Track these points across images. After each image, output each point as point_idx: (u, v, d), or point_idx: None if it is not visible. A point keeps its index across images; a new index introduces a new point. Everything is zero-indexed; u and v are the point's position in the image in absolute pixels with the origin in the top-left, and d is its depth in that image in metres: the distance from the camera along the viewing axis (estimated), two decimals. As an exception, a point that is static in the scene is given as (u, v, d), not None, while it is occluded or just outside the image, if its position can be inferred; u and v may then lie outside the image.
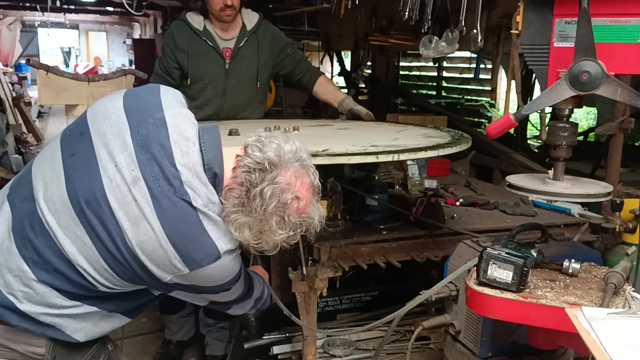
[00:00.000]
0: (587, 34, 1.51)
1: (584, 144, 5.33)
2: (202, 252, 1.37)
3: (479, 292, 1.60)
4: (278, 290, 2.22)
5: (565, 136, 1.68)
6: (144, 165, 1.36)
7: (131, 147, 1.38)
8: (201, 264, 1.37)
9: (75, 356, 1.51)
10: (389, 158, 1.92)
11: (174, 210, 1.35)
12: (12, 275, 1.40)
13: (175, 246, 1.34)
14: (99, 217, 1.36)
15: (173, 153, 1.38)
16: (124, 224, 1.35)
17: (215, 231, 1.39)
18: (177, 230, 1.35)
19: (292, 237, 1.45)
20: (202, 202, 1.37)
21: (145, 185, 1.35)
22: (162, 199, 1.35)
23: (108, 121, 1.42)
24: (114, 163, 1.37)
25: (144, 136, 1.39)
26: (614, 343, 1.27)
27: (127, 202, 1.35)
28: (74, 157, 1.41)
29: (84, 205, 1.36)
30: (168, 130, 1.40)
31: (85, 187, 1.37)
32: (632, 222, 2.20)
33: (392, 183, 3.05)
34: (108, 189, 1.36)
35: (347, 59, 8.47)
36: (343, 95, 3.08)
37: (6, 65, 13.33)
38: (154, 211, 1.34)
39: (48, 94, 10.90)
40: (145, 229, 1.34)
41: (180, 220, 1.36)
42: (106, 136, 1.40)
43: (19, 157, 7.79)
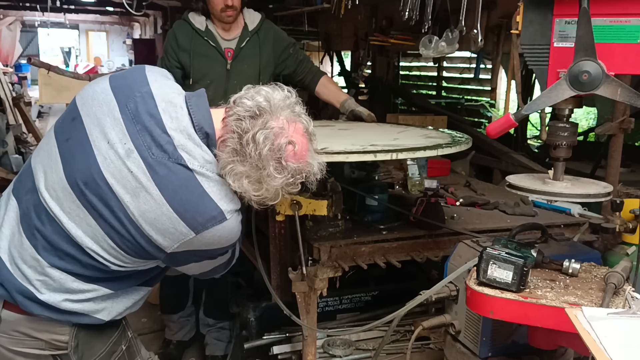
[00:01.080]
0: (587, 34, 1.51)
1: (584, 144, 5.33)
2: (205, 214, 1.36)
3: (479, 292, 1.60)
4: (278, 290, 2.21)
5: (565, 136, 1.68)
6: (135, 136, 1.37)
7: (121, 122, 1.39)
8: (206, 226, 1.36)
9: (97, 343, 1.53)
10: (387, 157, 1.92)
11: (171, 176, 1.35)
12: (28, 266, 1.42)
13: (178, 211, 1.34)
14: (99, 196, 1.36)
15: (163, 120, 1.39)
16: (123, 197, 1.35)
17: (216, 191, 1.38)
18: (177, 195, 1.34)
19: (293, 184, 1.43)
20: (198, 164, 1.38)
21: (139, 156, 1.36)
22: (158, 166, 1.35)
23: (96, 102, 1.43)
24: (107, 140, 1.38)
25: (132, 110, 1.40)
26: (614, 343, 1.27)
27: (124, 176, 1.35)
28: (68, 142, 1.43)
29: (83, 186, 1.37)
30: (155, 100, 1.42)
31: (82, 169, 1.38)
32: (632, 222, 2.20)
33: (392, 183, 3.05)
34: (103, 167, 1.36)
35: (347, 59, 8.47)
36: (345, 96, 3.08)
37: (6, 65, 13.33)
38: (151, 179, 1.34)
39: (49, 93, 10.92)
40: (145, 198, 1.34)
41: (179, 185, 1.35)
42: (96, 116, 1.41)
43: (19, 157, 7.79)
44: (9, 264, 1.43)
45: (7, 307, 1.46)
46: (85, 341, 1.50)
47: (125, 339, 1.61)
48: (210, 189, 1.38)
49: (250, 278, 3.00)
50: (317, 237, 2.15)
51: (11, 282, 1.43)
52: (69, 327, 1.48)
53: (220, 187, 1.40)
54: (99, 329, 1.52)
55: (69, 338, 1.48)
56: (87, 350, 1.50)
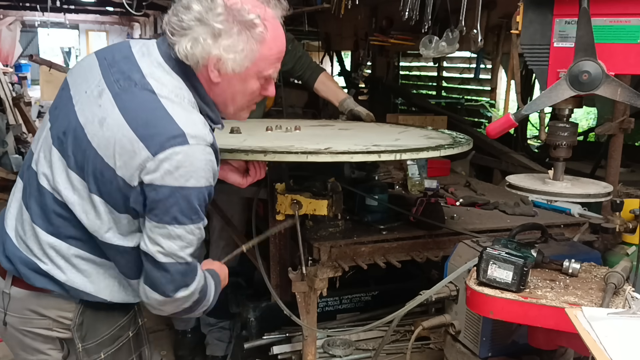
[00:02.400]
0: (587, 34, 1.51)
1: (584, 144, 5.33)
2: (165, 133, 1.31)
3: (479, 292, 1.60)
4: (278, 290, 2.22)
5: (565, 136, 1.68)
6: (107, 78, 1.41)
7: (99, 72, 1.44)
8: (164, 146, 1.29)
9: (102, 325, 1.52)
10: (391, 157, 1.92)
11: (135, 100, 1.36)
12: (29, 238, 1.45)
13: (137, 131, 1.31)
14: (75, 141, 1.38)
15: (135, 58, 1.43)
16: (90, 131, 1.36)
17: (181, 115, 1.35)
18: (137, 115, 1.33)
19: (252, 47, 1.41)
20: (167, 90, 1.38)
21: (108, 91, 1.38)
22: (124, 94, 1.37)
23: (80, 67, 1.51)
24: (84, 91, 1.42)
25: (109, 59, 1.45)
26: (614, 343, 1.27)
27: (94, 113, 1.37)
28: (56, 110, 1.48)
29: (63, 137, 1.40)
30: (133, 50, 1.46)
31: (63, 123, 1.43)
32: (632, 222, 2.21)
33: (392, 183, 3.05)
34: (80, 113, 1.40)
35: (347, 59, 8.47)
36: (344, 95, 3.07)
37: (6, 65, 13.33)
38: (115, 105, 1.35)
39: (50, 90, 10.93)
40: (108, 125, 1.34)
41: (142, 107, 1.35)
42: (79, 77, 1.48)
43: (19, 157, 7.79)
44: (15, 239, 1.47)
45: (16, 283, 1.47)
46: (90, 321, 1.50)
47: (135, 326, 1.60)
48: (174, 111, 1.35)
49: (250, 278, 3.00)
50: (317, 237, 2.15)
51: (16, 256, 1.45)
52: (75, 304, 1.48)
53: (188, 114, 1.37)
54: (106, 311, 1.51)
55: (74, 315, 1.48)
56: (90, 331, 1.50)
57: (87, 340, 1.50)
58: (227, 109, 1.53)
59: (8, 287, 1.48)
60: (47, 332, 1.50)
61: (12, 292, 1.48)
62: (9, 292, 1.48)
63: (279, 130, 2.48)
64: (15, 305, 1.49)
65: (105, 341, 1.52)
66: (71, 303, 1.48)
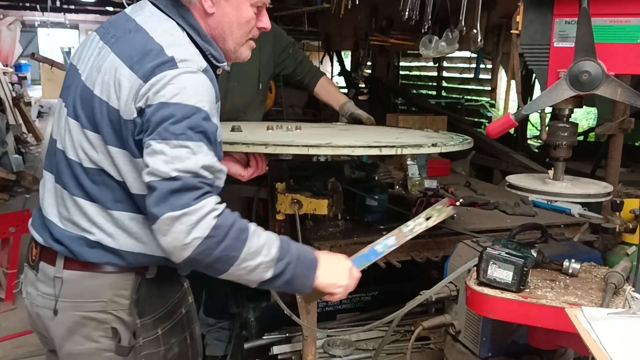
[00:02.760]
0: (587, 34, 1.51)
1: (584, 144, 5.33)
2: (154, 61, 1.33)
3: (479, 292, 1.60)
4: (278, 290, 2.21)
5: (565, 136, 1.68)
6: (105, 38, 1.47)
7: (97, 39, 1.49)
8: (155, 71, 1.31)
9: (158, 300, 1.51)
10: (392, 152, 1.91)
11: (128, 42, 1.40)
12: (73, 214, 1.45)
13: (131, 67, 1.35)
14: (83, 100, 1.43)
15: (129, 15, 1.49)
16: (91, 82, 1.41)
17: (172, 44, 1.38)
18: (131, 53, 1.37)
19: None
20: (161, 30, 1.41)
21: (105, 45, 1.44)
22: (118, 41, 1.42)
23: (82, 45, 1.56)
24: (88, 57, 1.48)
25: (107, 24, 1.52)
26: (614, 343, 1.27)
27: (93, 66, 1.43)
28: (67, 89, 1.52)
29: (74, 102, 1.45)
30: (126, 11, 1.52)
31: (72, 93, 1.47)
32: (632, 222, 2.21)
33: (392, 183, 3.05)
34: (84, 76, 1.45)
35: (347, 59, 8.47)
36: (344, 99, 3.07)
37: (6, 65, 13.32)
38: (111, 51, 1.41)
39: (52, 89, 10.97)
40: (105, 69, 1.39)
41: (133, 45, 1.39)
42: (81, 52, 1.53)
43: (19, 157, 7.80)
44: (60, 223, 1.47)
45: (69, 266, 1.45)
46: (145, 297, 1.49)
47: (186, 304, 1.60)
48: (163, 42, 1.37)
49: (250, 278, 3.00)
50: (317, 236, 2.15)
51: (65, 236, 1.45)
52: (131, 281, 1.47)
53: (178, 44, 1.39)
54: (158, 287, 1.51)
55: (129, 293, 1.47)
56: (147, 306, 1.48)
57: (145, 316, 1.48)
58: (227, 43, 1.53)
59: (60, 271, 1.45)
60: (101, 316, 1.47)
61: (65, 276, 1.45)
62: (62, 276, 1.45)
63: (280, 129, 2.48)
64: (68, 290, 1.46)
65: (162, 317, 1.51)
66: (127, 280, 1.47)
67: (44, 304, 1.49)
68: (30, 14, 13.92)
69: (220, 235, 1.29)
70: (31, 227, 1.56)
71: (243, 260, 1.32)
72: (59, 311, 1.47)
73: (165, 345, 1.51)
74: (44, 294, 1.49)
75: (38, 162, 8.76)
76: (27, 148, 9.37)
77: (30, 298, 1.53)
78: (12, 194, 6.68)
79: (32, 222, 1.57)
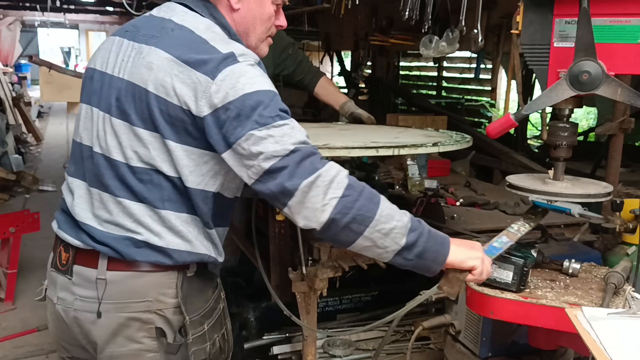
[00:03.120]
0: (587, 34, 1.51)
1: (584, 144, 5.33)
2: (216, 58, 1.35)
3: (479, 292, 1.60)
4: (278, 290, 2.21)
5: (566, 136, 1.68)
6: (140, 39, 1.45)
7: (126, 42, 1.47)
8: (219, 67, 1.33)
9: (198, 299, 1.51)
10: (389, 152, 1.92)
11: (177, 39, 1.40)
12: (122, 216, 1.43)
13: (190, 63, 1.34)
14: (133, 98, 1.40)
15: (160, 16, 1.49)
16: (143, 81, 1.38)
17: (223, 42, 1.41)
18: (185, 50, 1.36)
19: None
20: (203, 28, 1.43)
21: (145, 45, 1.42)
22: (163, 39, 1.40)
23: (102, 49, 1.54)
24: (121, 59, 1.45)
25: (132, 27, 1.51)
26: (614, 343, 1.27)
27: (139, 65, 1.40)
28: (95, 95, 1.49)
29: (116, 102, 1.42)
30: (152, 14, 1.52)
31: (109, 93, 1.44)
32: (632, 222, 2.20)
33: (392, 183, 3.05)
34: (125, 76, 1.42)
35: (347, 59, 8.47)
36: (344, 99, 3.07)
37: (6, 65, 13.32)
38: (159, 49, 1.38)
39: (50, 92, 10.96)
40: (158, 67, 1.36)
41: (185, 43, 1.39)
42: (106, 57, 1.50)
43: (19, 157, 7.81)
44: (100, 226, 1.45)
45: (113, 267, 1.44)
46: (188, 295, 1.49)
47: (222, 299, 1.61)
48: (214, 41, 1.40)
49: (250, 278, 3.00)
50: (317, 236, 2.15)
51: (110, 237, 1.43)
52: (174, 279, 1.46)
53: (227, 41, 1.43)
54: (198, 284, 1.51)
55: (174, 291, 1.46)
56: (191, 303, 1.49)
57: (192, 313, 1.48)
58: (250, 39, 1.56)
59: (103, 273, 1.44)
60: (145, 316, 1.46)
61: (109, 277, 1.44)
62: (105, 278, 1.44)
63: None
64: (113, 291, 1.44)
65: (206, 313, 1.52)
66: (170, 278, 1.46)
67: (85, 307, 1.46)
68: (30, 14, 13.93)
69: (354, 195, 1.33)
70: (60, 230, 1.52)
71: (378, 221, 1.34)
72: (103, 313, 1.45)
73: (210, 340, 1.53)
74: (83, 297, 1.46)
75: (38, 162, 8.77)
76: (27, 148, 9.38)
77: (64, 303, 1.50)
78: (12, 194, 6.68)
79: (60, 226, 1.53)
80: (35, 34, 20.50)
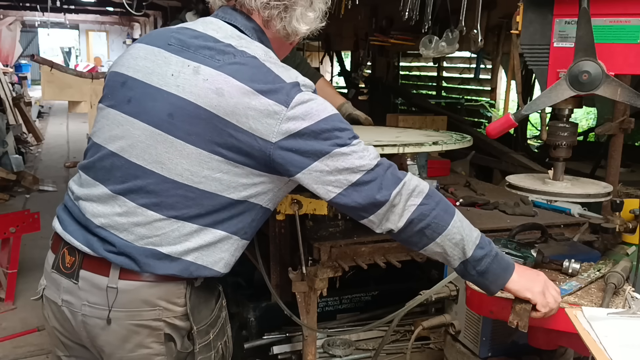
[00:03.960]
0: (587, 34, 1.51)
1: (584, 144, 5.33)
2: (286, 86, 1.37)
3: (479, 292, 1.60)
4: (278, 290, 2.22)
5: (565, 136, 1.68)
6: (194, 56, 1.41)
7: (174, 56, 1.43)
8: (291, 95, 1.36)
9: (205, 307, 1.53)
10: (394, 150, 1.93)
11: (243, 67, 1.39)
12: (148, 227, 1.42)
13: (263, 92, 1.35)
14: (190, 118, 1.38)
15: (210, 34, 1.45)
16: (209, 104, 1.36)
17: (284, 71, 1.42)
18: (254, 80, 1.37)
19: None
20: (262, 54, 1.43)
21: (206, 67, 1.39)
22: (227, 65, 1.39)
23: (139, 58, 1.48)
24: (170, 74, 1.41)
25: (176, 42, 1.46)
26: (614, 343, 1.27)
27: (200, 87, 1.37)
28: (131, 102, 1.44)
29: (169, 118, 1.39)
30: (192, 27, 1.50)
31: (161, 108, 1.40)
32: (632, 222, 2.21)
33: (392, 183, 3.05)
34: (180, 92, 1.39)
35: (347, 59, 8.47)
36: (342, 100, 3.07)
37: (6, 65, 13.34)
38: (227, 75, 1.37)
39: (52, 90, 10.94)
40: (229, 94, 1.35)
41: (252, 72, 1.38)
42: (146, 67, 1.45)
43: (19, 157, 7.81)
44: (121, 234, 1.43)
45: (125, 276, 1.43)
46: (196, 304, 1.50)
47: (224, 307, 1.63)
48: (277, 69, 1.41)
49: (250, 278, 3.00)
50: (317, 236, 2.15)
51: (131, 247, 1.42)
52: (183, 289, 1.47)
53: (286, 69, 1.44)
54: (204, 293, 1.53)
55: (183, 301, 1.47)
56: (197, 313, 1.50)
57: (199, 323, 1.50)
58: None
59: (115, 282, 1.42)
60: (155, 324, 1.46)
61: (121, 286, 1.42)
62: (117, 287, 1.42)
63: None
64: (124, 299, 1.43)
65: (212, 322, 1.54)
66: (179, 288, 1.46)
67: (94, 313, 1.45)
68: (30, 14, 13.95)
69: (432, 204, 1.42)
70: (66, 233, 1.49)
71: (450, 232, 1.43)
72: (113, 320, 1.45)
73: (214, 349, 1.55)
74: (92, 303, 1.45)
75: (38, 162, 8.77)
76: (27, 148, 9.38)
77: (71, 307, 1.48)
78: (12, 194, 6.69)
79: (65, 228, 1.50)
80: (36, 34, 20.53)
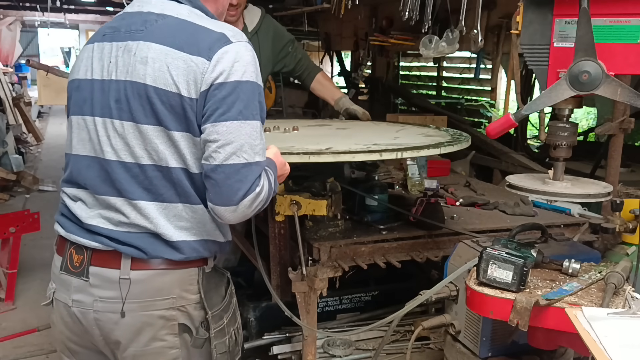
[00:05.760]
0: (587, 34, 1.51)
1: (584, 144, 5.33)
2: (208, 40, 1.38)
3: (479, 292, 1.60)
4: (278, 290, 2.22)
5: (565, 136, 1.68)
6: (121, 37, 1.45)
7: (107, 44, 1.47)
8: (214, 49, 1.36)
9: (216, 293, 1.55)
10: (392, 156, 1.93)
11: (164, 29, 1.41)
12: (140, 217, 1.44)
13: (183, 49, 1.37)
14: (133, 96, 1.40)
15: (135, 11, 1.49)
16: (140, 76, 1.38)
17: (211, 23, 1.42)
18: (175, 38, 1.38)
19: None
20: (186, 13, 1.43)
21: (133, 41, 1.42)
22: (150, 32, 1.41)
23: (81, 59, 1.53)
24: (108, 62, 1.45)
25: (109, 29, 1.50)
26: (614, 343, 1.27)
27: (131, 62, 1.40)
28: (86, 103, 1.48)
29: (116, 104, 1.42)
30: (126, 10, 1.52)
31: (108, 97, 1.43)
32: (632, 222, 2.21)
33: (392, 183, 3.05)
34: (119, 76, 1.42)
35: (347, 59, 8.48)
36: (340, 94, 3.07)
37: (6, 65, 13.33)
38: (149, 41, 1.39)
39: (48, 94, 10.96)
40: (152, 59, 1.37)
41: (173, 31, 1.40)
42: (88, 65, 1.49)
43: (19, 157, 7.81)
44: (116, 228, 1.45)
45: (136, 266, 1.44)
46: (207, 290, 1.51)
47: (234, 293, 1.64)
48: (203, 23, 1.42)
49: (250, 278, 3.00)
50: (316, 237, 2.15)
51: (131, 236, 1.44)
52: (195, 275, 1.49)
53: (215, 22, 1.45)
54: (215, 278, 1.55)
55: (195, 287, 1.49)
56: (210, 298, 1.52)
57: (212, 308, 1.51)
58: (220, 19, 1.58)
59: (127, 273, 1.44)
60: (169, 313, 1.47)
61: (133, 276, 1.44)
62: (129, 277, 1.44)
63: (277, 131, 2.48)
64: (137, 290, 1.45)
65: (224, 307, 1.56)
66: (191, 275, 1.48)
67: (107, 308, 1.46)
68: (30, 14, 13.93)
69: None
70: (70, 234, 1.50)
71: None
72: (127, 312, 1.45)
73: (228, 334, 1.57)
74: (104, 298, 1.45)
75: (38, 162, 8.77)
76: (27, 148, 9.38)
77: (82, 306, 1.48)
78: (12, 194, 6.68)
79: (68, 230, 1.51)
80: (36, 34, 20.50)
